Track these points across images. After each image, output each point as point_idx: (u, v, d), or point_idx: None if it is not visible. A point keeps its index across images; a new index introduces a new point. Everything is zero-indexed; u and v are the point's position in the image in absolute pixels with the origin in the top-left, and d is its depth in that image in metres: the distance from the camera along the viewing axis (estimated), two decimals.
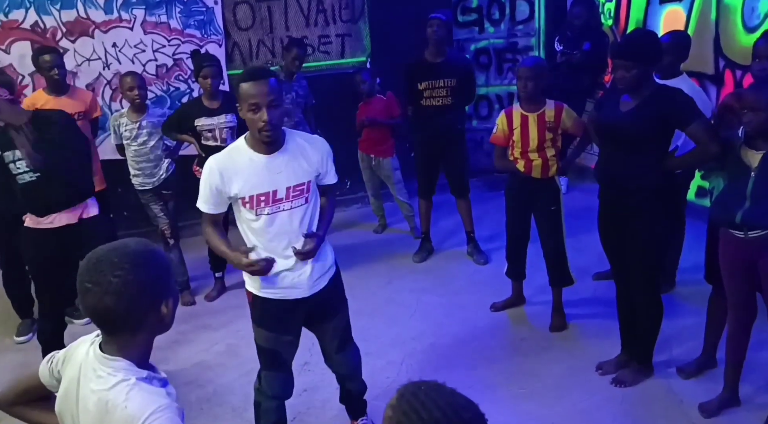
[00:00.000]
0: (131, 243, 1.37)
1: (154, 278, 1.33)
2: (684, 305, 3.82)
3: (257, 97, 2.25)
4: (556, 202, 3.65)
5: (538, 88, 3.48)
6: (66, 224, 3.18)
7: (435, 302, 4.27)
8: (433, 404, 1.08)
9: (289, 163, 2.40)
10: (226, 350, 3.84)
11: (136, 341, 1.35)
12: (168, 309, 1.36)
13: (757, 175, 2.51)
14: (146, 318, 1.34)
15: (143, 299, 1.31)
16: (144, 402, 1.26)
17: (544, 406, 3.14)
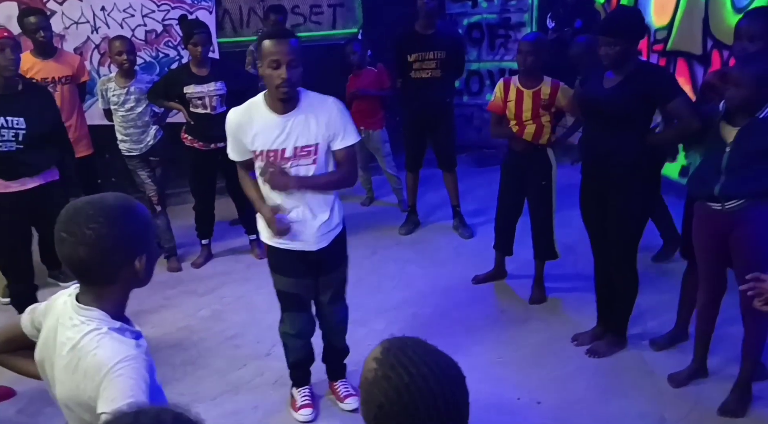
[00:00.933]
0: (110, 197, 1.40)
1: (129, 233, 1.35)
2: (661, 280, 3.90)
3: (278, 54, 2.34)
4: (548, 176, 3.71)
5: (538, 63, 3.52)
6: (33, 186, 3.33)
7: (419, 273, 4.33)
8: (421, 359, 1.11)
9: (300, 124, 2.48)
10: (210, 316, 3.89)
11: (111, 293, 1.39)
12: (141, 265, 1.38)
13: (732, 149, 2.56)
14: (120, 271, 1.37)
15: (116, 253, 1.34)
16: (113, 351, 1.30)
17: (520, 374, 3.23)
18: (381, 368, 1.11)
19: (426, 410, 1.06)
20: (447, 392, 1.08)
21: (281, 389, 3.17)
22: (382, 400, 1.09)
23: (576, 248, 4.35)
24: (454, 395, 1.09)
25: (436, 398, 1.07)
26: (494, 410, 2.96)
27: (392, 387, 1.08)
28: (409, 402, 1.07)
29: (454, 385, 1.10)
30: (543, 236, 3.81)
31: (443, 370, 1.11)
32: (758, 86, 2.45)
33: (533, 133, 3.61)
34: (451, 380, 1.10)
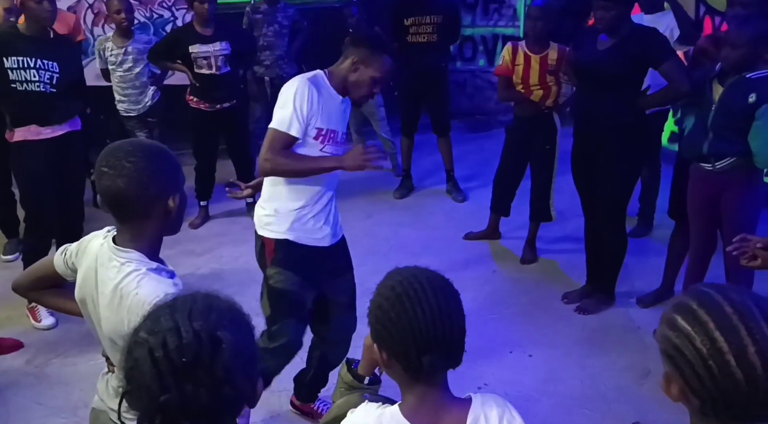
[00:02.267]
0: (146, 140, 1.52)
1: (164, 170, 1.46)
2: (651, 243, 4.03)
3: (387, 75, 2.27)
4: (552, 141, 3.79)
5: (547, 28, 3.57)
6: (61, 134, 3.36)
7: (412, 236, 4.42)
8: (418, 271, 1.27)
9: (348, 110, 2.41)
10: (209, 274, 3.97)
11: (146, 232, 1.46)
12: (174, 204, 1.46)
13: (717, 108, 2.65)
14: (154, 207, 1.45)
15: (152, 187, 1.42)
16: (153, 289, 1.38)
17: (510, 330, 3.35)
18: (385, 280, 1.27)
19: (417, 298, 1.18)
20: (437, 286, 1.22)
21: None
22: (381, 301, 1.22)
23: (566, 213, 4.45)
24: (444, 291, 1.23)
25: (425, 289, 1.20)
26: (486, 362, 3.09)
27: (388, 288, 1.23)
28: (402, 293, 1.20)
29: (444, 284, 1.25)
30: (541, 198, 3.91)
31: (434, 273, 1.26)
32: (754, 46, 2.53)
33: (541, 96, 3.67)
34: (441, 280, 1.25)
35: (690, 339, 0.93)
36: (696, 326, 0.93)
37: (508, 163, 3.96)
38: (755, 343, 0.89)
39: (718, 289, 0.98)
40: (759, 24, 2.54)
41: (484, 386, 2.95)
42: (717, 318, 0.92)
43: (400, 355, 1.21)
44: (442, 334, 1.19)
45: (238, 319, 1.05)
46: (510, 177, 3.99)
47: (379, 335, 1.23)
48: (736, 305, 0.93)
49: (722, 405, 0.92)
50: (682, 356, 0.94)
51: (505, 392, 2.93)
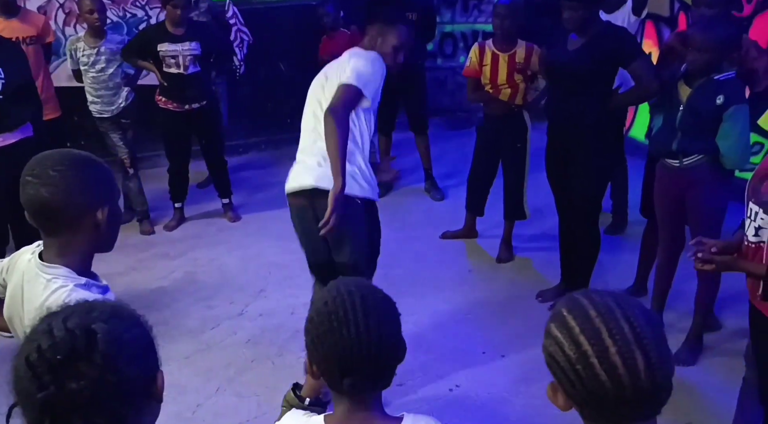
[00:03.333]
0: (74, 150, 1.47)
1: (92, 181, 1.40)
2: (623, 240, 4.03)
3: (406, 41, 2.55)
4: (523, 139, 3.77)
5: (514, 26, 3.55)
6: (13, 141, 3.25)
7: (390, 236, 4.35)
8: (354, 284, 1.22)
9: None
10: (183, 277, 3.93)
11: (73, 246, 1.40)
12: (103, 216, 1.40)
13: (684, 109, 2.65)
14: (81, 220, 1.39)
15: (78, 197, 1.37)
16: None
17: (485, 329, 3.34)
18: (323, 291, 1.23)
19: (346, 319, 1.15)
20: (369, 307, 1.17)
21: (254, 347, 3.25)
22: (313, 314, 1.20)
23: (543, 210, 4.43)
24: (377, 313, 1.18)
25: (356, 309, 1.16)
26: (459, 363, 3.08)
27: (322, 301, 1.20)
28: (332, 311, 1.16)
29: (379, 305, 1.19)
30: (513, 197, 3.90)
31: (372, 292, 1.21)
32: (720, 50, 2.53)
33: (509, 95, 3.66)
34: (377, 300, 1.20)
35: (560, 346, 0.95)
36: (564, 332, 0.95)
37: (480, 163, 3.95)
38: (615, 343, 0.91)
39: (589, 294, 0.99)
40: (723, 27, 2.54)
41: (456, 388, 2.95)
42: (582, 322, 0.94)
43: (325, 372, 1.19)
44: (368, 358, 1.15)
45: (122, 314, 1.01)
46: (482, 176, 3.98)
47: (308, 347, 1.21)
48: (600, 307, 0.94)
49: (595, 409, 0.94)
50: (556, 363, 0.96)
51: (476, 393, 2.93)
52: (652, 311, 0.99)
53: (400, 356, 1.22)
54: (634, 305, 0.97)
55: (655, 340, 0.93)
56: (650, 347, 0.92)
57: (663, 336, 0.97)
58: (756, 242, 1.88)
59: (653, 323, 0.96)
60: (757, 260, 1.87)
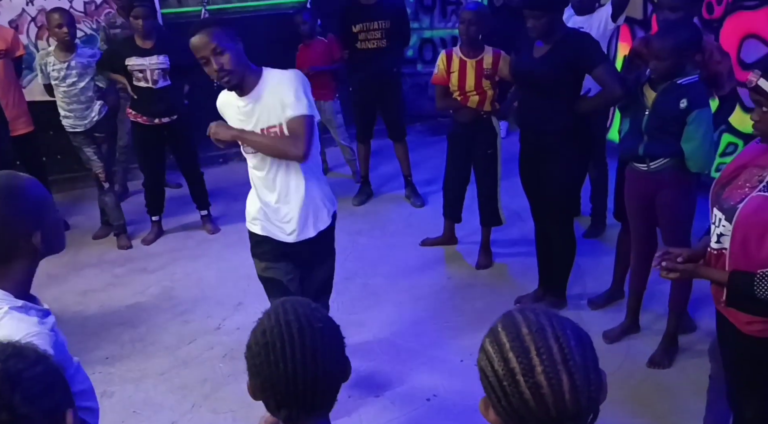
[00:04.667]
0: (2, 177, 1.39)
1: (17, 213, 1.36)
2: (602, 244, 4.03)
3: (201, 50, 2.31)
4: (493, 145, 3.77)
5: (479, 32, 3.55)
6: None
7: (370, 244, 4.38)
8: (293, 310, 1.17)
9: (261, 106, 2.42)
10: (161, 293, 3.89)
11: (11, 272, 1.38)
12: (38, 241, 1.38)
13: (650, 112, 2.66)
14: (15, 250, 1.37)
15: (8, 232, 1.35)
16: (13, 329, 1.30)
17: (464, 338, 3.32)
18: (264, 316, 1.19)
19: (282, 352, 1.11)
20: (307, 341, 1.13)
21: (231, 362, 3.22)
22: (251, 341, 1.17)
23: (522, 214, 4.44)
24: (314, 344, 1.13)
25: (294, 342, 1.12)
26: (437, 372, 3.06)
27: (260, 329, 1.16)
28: (269, 342, 1.12)
29: (317, 336, 1.15)
30: (488, 203, 3.89)
31: (310, 322, 1.15)
32: (678, 56, 2.55)
33: (477, 102, 3.67)
34: (315, 332, 1.15)
35: (490, 361, 0.96)
36: (495, 347, 0.95)
37: (453, 170, 3.95)
38: (542, 362, 0.91)
39: (525, 311, 0.99)
40: (680, 33, 2.55)
41: (433, 397, 2.93)
42: (512, 339, 0.94)
43: (263, 399, 1.17)
44: (303, 392, 1.12)
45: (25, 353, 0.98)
46: (456, 184, 3.98)
47: (249, 372, 1.18)
48: (532, 325, 0.94)
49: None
50: (486, 378, 0.97)
51: (454, 403, 2.91)
52: (585, 334, 0.98)
53: (341, 380, 1.20)
54: (568, 326, 0.96)
55: (583, 362, 0.93)
56: (577, 370, 0.91)
57: (593, 359, 0.96)
58: (718, 248, 1.88)
59: (584, 345, 0.95)
60: (720, 267, 1.87)
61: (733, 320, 1.93)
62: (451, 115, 3.91)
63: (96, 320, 3.58)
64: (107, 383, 3.06)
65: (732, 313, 1.92)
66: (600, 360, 3.06)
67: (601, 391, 0.97)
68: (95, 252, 4.40)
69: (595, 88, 3.07)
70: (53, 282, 3.95)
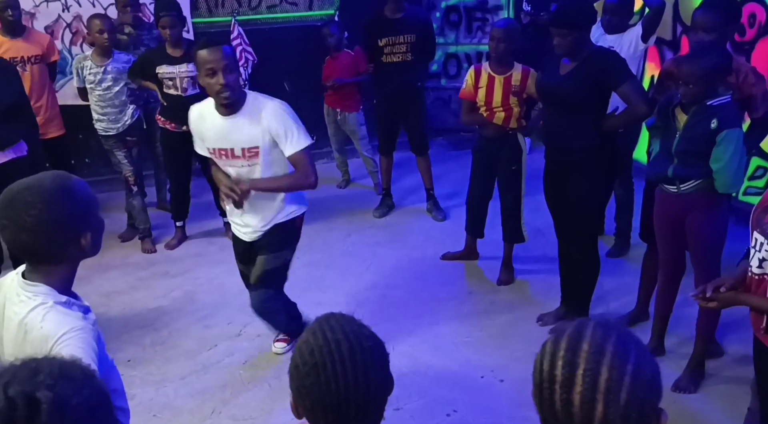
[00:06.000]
0: (47, 180, 1.41)
1: (69, 215, 1.38)
2: (624, 263, 3.99)
3: (212, 62, 2.46)
4: (518, 161, 3.77)
5: (509, 50, 3.57)
6: (5, 161, 3.34)
7: (391, 256, 4.38)
8: (340, 328, 1.17)
9: (244, 126, 2.60)
10: (183, 296, 3.92)
11: (57, 271, 1.43)
12: (87, 242, 1.42)
13: (681, 135, 2.64)
14: (66, 251, 1.41)
15: (59, 235, 1.38)
16: (59, 323, 1.34)
17: (484, 354, 3.30)
18: (306, 334, 1.18)
19: (333, 373, 1.11)
20: (358, 360, 1.13)
21: (251, 368, 3.23)
22: (298, 361, 1.15)
23: (545, 232, 4.41)
24: (365, 364, 1.13)
25: (344, 362, 1.11)
26: (457, 388, 3.04)
27: (308, 349, 1.14)
28: (319, 363, 1.12)
29: (367, 356, 1.14)
30: (511, 220, 3.88)
31: (359, 340, 1.15)
32: (708, 81, 2.54)
33: (503, 119, 3.67)
34: (365, 351, 1.14)
35: (542, 359, 1.00)
36: (552, 350, 0.99)
37: (476, 185, 3.94)
38: (584, 383, 0.93)
39: (598, 327, 1.00)
40: (710, 58, 2.55)
41: (453, 412, 2.91)
42: (568, 349, 0.96)
43: (310, 418, 1.17)
44: (356, 411, 1.13)
45: (72, 373, 0.93)
46: (479, 199, 3.97)
47: (293, 391, 1.17)
48: (594, 344, 0.96)
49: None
50: (535, 371, 1.02)
51: (474, 419, 2.89)
52: (652, 371, 0.96)
53: (388, 395, 1.20)
54: (632, 360, 0.94)
55: (627, 401, 0.92)
56: (615, 406, 0.91)
57: (642, 401, 0.94)
58: (760, 274, 1.85)
59: (639, 385, 0.93)
60: (761, 292, 1.84)
61: None
62: (477, 130, 3.92)
63: (119, 322, 3.62)
64: (128, 386, 3.01)
65: None
66: None
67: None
68: (119, 255, 4.45)
69: (623, 106, 3.06)
70: (78, 283, 3.88)
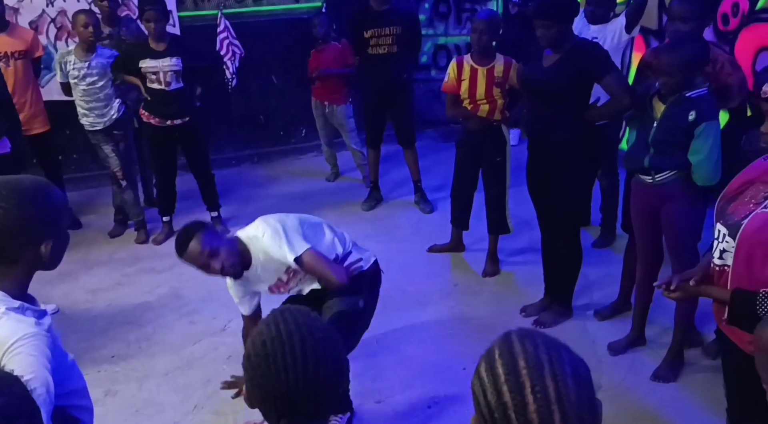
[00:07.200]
0: (27, 179, 1.42)
1: (37, 217, 1.38)
2: (611, 254, 3.99)
3: (197, 259, 2.38)
4: (502, 153, 3.77)
5: (491, 41, 3.56)
6: None
7: (377, 249, 4.27)
8: (294, 320, 1.17)
9: (265, 269, 2.54)
10: (168, 293, 3.93)
11: (12, 274, 1.40)
12: (47, 250, 1.40)
13: (658, 125, 2.65)
14: (22, 254, 1.39)
15: (21, 235, 1.36)
16: (11, 330, 1.32)
17: (468, 346, 3.31)
18: (260, 326, 1.19)
19: (284, 364, 1.11)
20: (308, 351, 1.13)
21: (235, 363, 3.22)
22: (251, 352, 1.16)
23: (531, 223, 4.39)
24: (316, 356, 1.13)
25: (295, 354, 1.11)
26: (439, 380, 3.05)
27: (260, 340, 1.15)
28: (270, 353, 1.12)
29: (318, 348, 1.14)
30: (496, 211, 3.88)
31: (311, 332, 1.15)
32: (686, 72, 2.54)
33: (488, 111, 3.67)
34: (317, 343, 1.14)
35: (484, 390, 0.95)
36: (490, 377, 0.95)
37: (461, 178, 3.94)
38: (536, 401, 0.90)
39: (525, 340, 0.97)
40: (687, 48, 2.54)
41: (434, 404, 2.93)
42: (508, 372, 0.93)
43: (261, 409, 1.18)
44: (305, 402, 1.13)
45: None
46: (464, 191, 3.97)
47: (246, 382, 1.19)
48: (530, 359, 0.93)
49: None
50: (478, 404, 0.96)
51: (455, 411, 2.90)
52: (583, 367, 0.97)
53: (340, 387, 1.21)
54: (566, 361, 0.94)
55: (577, 401, 0.91)
56: (571, 408, 0.90)
57: (588, 395, 0.94)
58: (721, 265, 1.86)
59: (580, 382, 0.93)
60: (722, 283, 1.84)
61: (734, 338, 1.91)
62: (461, 123, 3.91)
63: (104, 319, 3.63)
64: (111, 382, 3.10)
65: (734, 332, 1.89)
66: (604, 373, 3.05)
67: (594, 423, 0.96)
68: (106, 251, 4.45)
69: (605, 97, 3.06)
70: (64, 279, 4.00)
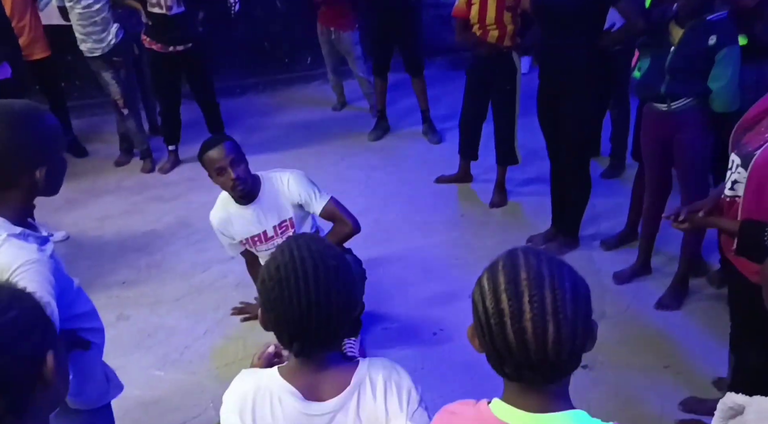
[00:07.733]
0: (17, 104, 1.40)
1: (29, 141, 1.36)
2: (620, 184, 3.96)
3: (219, 161, 2.52)
4: (512, 81, 3.67)
5: None
6: None
7: (384, 179, 4.37)
8: (306, 246, 1.20)
9: (269, 206, 2.66)
10: (176, 221, 3.95)
11: (9, 199, 1.39)
12: (41, 176, 1.38)
13: (675, 50, 2.55)
14: (16, 180, 1.38)
15: (14, 159, 1.35)
16: (12, 255, 1.32)
17: (473, 274, 3.23)
18: (275, 252, 1.22)
19: (296, 288, 1.15)
20: (320, 277, 1.16)
21: (243, 290, 3.29)
22: (265, 276, 1.19)
23: (540, 153, 4.33)
24: (327, 281, 1.17)
25: (308, 279, 1.15)
26: (445, 308, 3.10)
27: (274, 265, 1.18)
28: (283, 278, 1.16)
29: (330, 274, 1.18)
30: (505, 141, 3.83)
31: (324, 259, 1.18)
32: None
33: (497, 37, 3.54)
34: (329, 269, 1.18)
35: (483, 297, 0.97)
36: (491, 285, 0.97)
37: (470, 106, 3.87)
38: (532, 310, 0.92)
39: (529, 254, 0.99)
40: None
41: (440, 331, 2.98)
42: (508, 281, 0.95)
43: (275, 332, 1.21)
44: (317, 326, 1.17)
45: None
46: (472, 120, 3.90)
47: (261, 306, 1.22)
48: (531, 271, 0.95)
49: (496, 362, 0.97)
50: (476, 311, 0.99)
51: (459, 336, 2.95)
52: (584, 286, 0.98)
53: (352, 314, 1.23)
54: (567, 278, 0.96)
55: (573, 316, 0.93)
56: (565, 323, 0.92)
57: (585, 312, 0.96)
58: (731, 196, 1.82)
59: (578, 298, 0.95)
60: (732, 214, 1.82)
61: (741, 269, 1.90)
62: (471, 50, 3.79)
63: (113, 246, 3.67)
64: (123, 307, 3.17)
65: (741, 262, 1.88)
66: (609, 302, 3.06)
67: (588, 341, 0.98)
68: (113, 179, 4.46)
69: (620, 22, 2.94)
70: (72, 207, 4.03)
